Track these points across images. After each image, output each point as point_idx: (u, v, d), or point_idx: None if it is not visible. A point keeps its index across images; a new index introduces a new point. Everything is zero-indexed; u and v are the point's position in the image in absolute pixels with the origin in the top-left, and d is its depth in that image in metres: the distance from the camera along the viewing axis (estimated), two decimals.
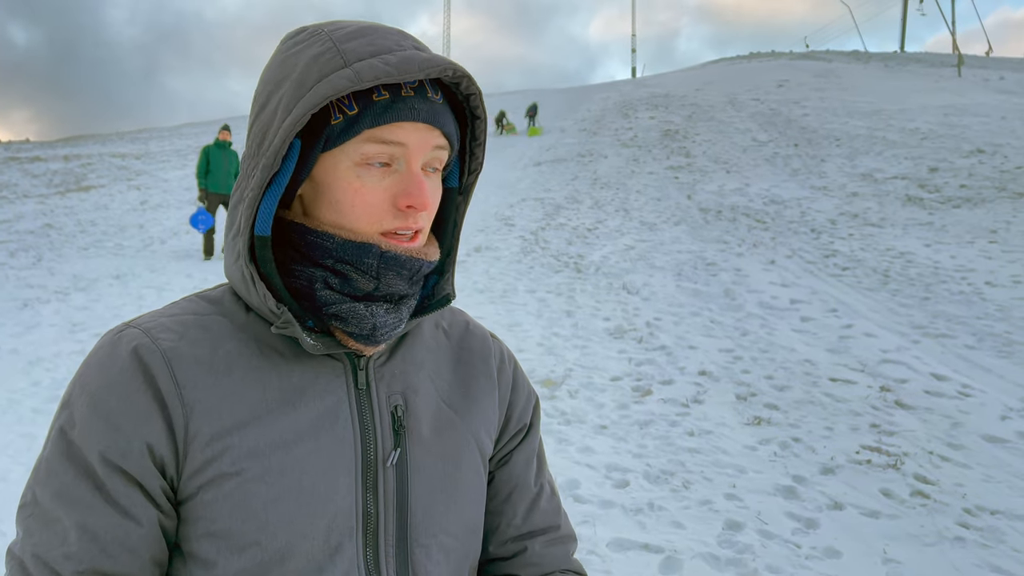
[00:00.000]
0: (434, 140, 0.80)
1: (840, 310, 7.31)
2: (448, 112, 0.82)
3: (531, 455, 1.02)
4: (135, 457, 0.76)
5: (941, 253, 9.22)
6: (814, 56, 44.00)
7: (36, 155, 23.28)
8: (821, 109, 22.17)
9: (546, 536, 1.00)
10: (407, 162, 0.79)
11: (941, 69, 32.98)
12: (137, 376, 0.77)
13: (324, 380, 0.84)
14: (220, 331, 0.83)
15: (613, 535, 3.45)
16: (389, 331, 0.83)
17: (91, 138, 33.21)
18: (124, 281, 9.18)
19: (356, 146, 0.78)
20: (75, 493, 0.76)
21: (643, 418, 4.92)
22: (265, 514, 0.78)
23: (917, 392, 5.23)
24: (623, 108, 27.23)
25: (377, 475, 0.84)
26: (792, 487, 3.92)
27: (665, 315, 7.43)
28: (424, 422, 0.88)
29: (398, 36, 0.80)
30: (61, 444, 0.78)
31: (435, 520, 0.87)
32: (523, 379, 1.04)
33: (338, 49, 0.78)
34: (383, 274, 0.80)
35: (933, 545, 3.36)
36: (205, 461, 0.78)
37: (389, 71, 0.74)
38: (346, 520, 0.81)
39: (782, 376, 5.64)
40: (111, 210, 14.61)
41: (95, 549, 0.76)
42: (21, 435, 4.60)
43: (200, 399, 0.78)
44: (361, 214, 0.80)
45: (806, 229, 11.04)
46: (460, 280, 8.87)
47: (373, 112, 0.77)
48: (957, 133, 16.74)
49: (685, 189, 14.48)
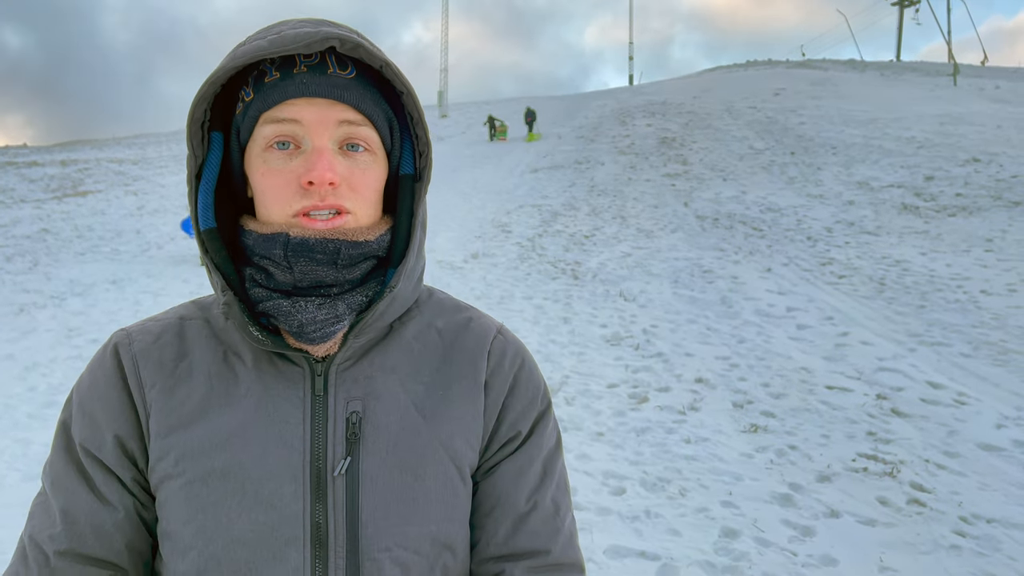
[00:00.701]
0: (338, 114, 0.78)
1: (836, 318, 7.33)
2: (362, 87, 0.80)
3: (525, 467, 0.91)
4: (109, 449, 0.83)
5: (937, 261, 9.25)
6: (811, 64, 44.18)
7: (33, 160, 23.25)
8: (817, 117, 22.25)
9: (531, 561, 0.88)
10: (310, 139, 0.78)
11: (937, 78, 33.14)
12: (113, 374, 0.84)
13: (281, 387, 0.83)
14: (194, 337, 0.87)
15: (610, 542, 3.44)
16: (321, 328, 0.79)
17: (88, 143, 33.18)
18: (121, 286, 9.17)
19: (259, 132, 0.79)
20: (64, 481, 0.84)
21: (640, 425, 4.93)
22: (203, 517, 0.78)
23: (913, 400, 5.24)
24: (620, 115, 27.29)
25: (326, 484, 0.81)
26: (788, 495, 3.92)
27: (662, 322, 7.44)
28: (384, 430, 0.83)
29: (308, 22, 0.79)
30: (61, 437, 0.86)
31: (389, 533, 0.82)
32: (528, 381, 0.94)
33: (241, 43, 0.80)
34: (294, 262, 0.78)
35: (929, 553, 3.36)
36: (156, 460, 0.82)
37: (263, 47, 0.75)
38: (291, 529, 0.79)
39: (778, 384, 5.65)
40: (108, 215, 14.59)
41: (74, 532, 0.82)
42: (16, 440, 4.58)
43: (156, 399, 0.82)
44: (272, 198, 0.79)
45: (802, 237, 11.07)
46: (458, 286, 8.88)
47: (263, 94, 0.78)
48: (953, 142, 16.80)
49: (682, 196, 14.51)
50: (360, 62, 0.81)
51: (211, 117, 0.81)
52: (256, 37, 0.79)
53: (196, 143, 0.80)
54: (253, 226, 0.81)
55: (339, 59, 0.79)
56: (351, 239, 0.79)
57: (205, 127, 0.80)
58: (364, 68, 0.81)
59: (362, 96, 0.79)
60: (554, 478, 0.93)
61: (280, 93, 0.77)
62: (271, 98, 0.77)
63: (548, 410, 0.95)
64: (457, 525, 0.87)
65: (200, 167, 0.82)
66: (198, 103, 0.78)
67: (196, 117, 0.79)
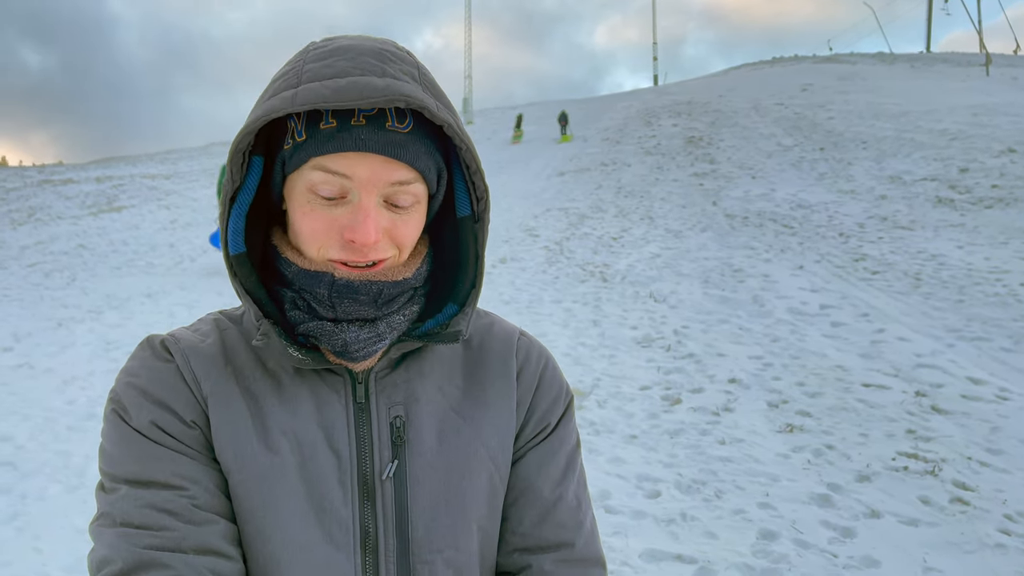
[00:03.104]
0: (391, 174, 0.75)
1: (872, 314, 7.20)
2: (419, 142, 0.76)
3: (549, 457, 0.92)
4: (190, 433, 0.80)
5: (974, 255, 9.05)
6: (838, 59, 43.59)
7: (69, 177, 23.75)
8: (846, 112, 21.94)
9: (557, 554, 0.89)
10: (359, 194, 0.75)
11: (968, 68, 32.50)
12: (170, 365, 0.83)
13: (323, 395, 0.83)
14: (234, 344, 0.86)
15: (645, 546, 3.41)
16: (364, 347, 0.80)
17: (122, 160, 33.82)
18: (155, 299, 9.32)
19: (306, 173, 0.76)
20: (154, 458, 0.78)
21: (673, 427, 4.88)
22: (262, 515, 0.79)
23: (954, 396, 5.12)
24: (646, 116, 27.16)
25: (374, 489, 0.82)
26: (827, 495, 3.86)
27: (693, 323, 7.37)
28: (427, 433, 0.85)
29: (371, 60, 0.75)
30: (122, 426, 0.80)
31: (440, 535, 0.83)
32: (553, 379, 0.96)
33: (301, 68, 0.77)
34: (338, 302, 0.78)
35: (974, 552, 3.28)
36: (217, 451, 0.81)
37: (325, 96, 0.71)
38: (343, 534, 0.80)
39: (814, 382, 5.56)
40: (142, 229, 14.85)
41: (199, 489, 0.78)
42: (57, 453, 4.67)
43: (212, 393, 0.82)
44: (309, 239, 0.78)
45: (834, 233, 10.91)
46: (486, 292, 8.88)
47: (317, 140, 0.75)
48: (987, 132, 16.46)
49: (710, 196, 14.38)
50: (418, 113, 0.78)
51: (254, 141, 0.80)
52: (317, 68, 0.76)
53: (236, 168, 0.79)
54: (292, 257, 0.81)
55: (398, 111, 0.76)
56: (391, 279, 0.80)
57: (246, 153, 0.79)
58: (422, 118, 0.78)
59: (417, 153, 0.76)
60: (576, 473, 0.96)
61: (336, 144, 0.74)
62: (326, 147, 0.74)
63: (571, 406, 0.98)
64: (496, 522, 0.90)
65: (236, 191, 0.81)
66: (244, 136, 0.76)
67: (240, 148, 0.77)
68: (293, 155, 0.77)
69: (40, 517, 3.84)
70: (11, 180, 23.50)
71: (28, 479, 4.33)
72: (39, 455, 4.66)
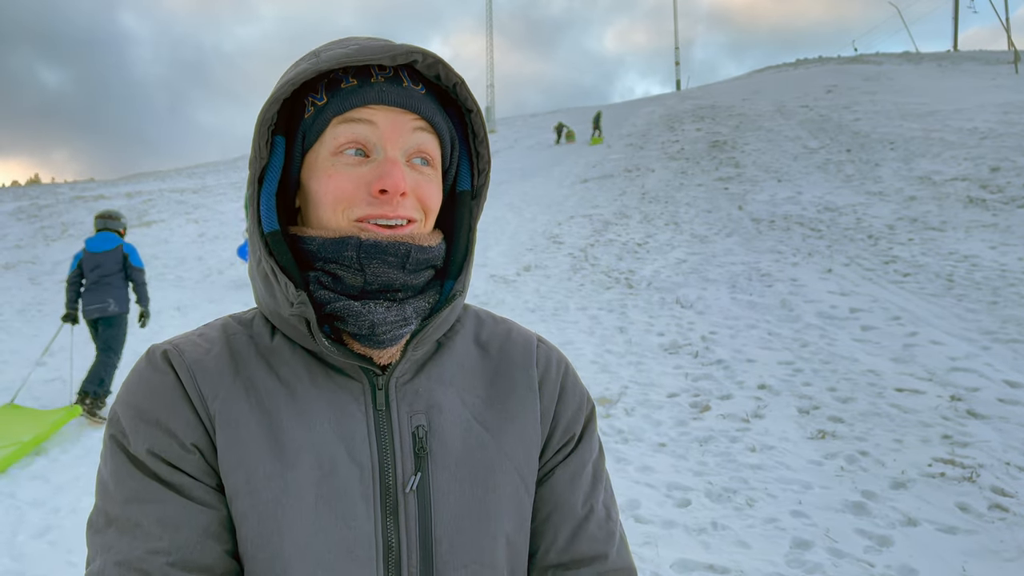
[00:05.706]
0: (411, 123, 0.79)
1: (903, 317, 7.09)
2: (431, 102, 0.81)
3: (578, 471, 0.91)
4: (190, 458, 0.77)
5: (1008, 255, 8.88)
6: (863, 60, 43.15)
7: (100, 193, 24.19)
8: (873, 113, 21.69)
9: (592, 567, 0.88)
10: (383, 148, 0.78)
11: (997, 67, 31.99)
12: (172, 382, 0.79)
13: (342, 403, 0.80)
14: (244, 352, 0.83)
15: (676, 556, 3.37)
16: (391, 329, 0.78)
17: (151, 175, 34.37)
18: (185, 312, 9.44)
19: (329, 133, 0.79)
20: (146, 494, 0.75)
21: (702, 435, 4.83)
22: (280, 540, 0.76)
23: (990, 400, 5.02)
24: (669, 121, 27.06)
25: (397, 502, 0.79)
26: (862, 503, 3.79)
27: (721, 328, 7.30)
28: (451, 443, 0.82)
29: (381, 40, 0.81)
30: (118, 455, 0.78)
31: (464, 550, 0.80)
32: (574, 386, 0.95)
33: (315, 51, 0.81)
34: (367, 264, 0.77)
35: (1014, 560, 3.20)
36: (224, 474, 0.77)
37: (349, 54, 0.76)
38: (365, 550, 0.77)
39: (845, 387, 5.48)
40: (171, 243, 15.06)
41: (179, 540, 0.74)
42: (92, 466, 4.73)
43: (220, 411, 0.78)
44: (335, 201, 0.78)
45: (863, 236, 10.76)
46: (511, 299, 8.88)
47: (340, 97, 0.78)
48: (1018, 131, 16.17)
49: (736, 200, 14.27)
50: (427, 81, 0.83)
51: (276, 121, 0.81)
52: (335, 46, 0.80)
53: (262, 144, 0.80)
54: (315, 232, 0.80)
55: (411, 75, 0.81)
56: (419, 243, 0.80)
57: (271, 130, 0.80)
58: (431, 87, 0.83)
59: (434, 111, 0.81)
60: (603, 482, 0.94)
61: (359, 98, 0.77)
62: (348, 102, 0.78)
63: (593, 413, 0.97)
64: (524, 535, 0.87)
65: (263, 169, 0.81)
66: (271, 104, 0.78)
67: (266, 119, 0.79)
68: (315, 121, 0.79)
69: (73, 531, 3.88)
70: (44, 197, 23.98)
71: (61, 493, 4.39)
72: (73, 469, 4.73)
